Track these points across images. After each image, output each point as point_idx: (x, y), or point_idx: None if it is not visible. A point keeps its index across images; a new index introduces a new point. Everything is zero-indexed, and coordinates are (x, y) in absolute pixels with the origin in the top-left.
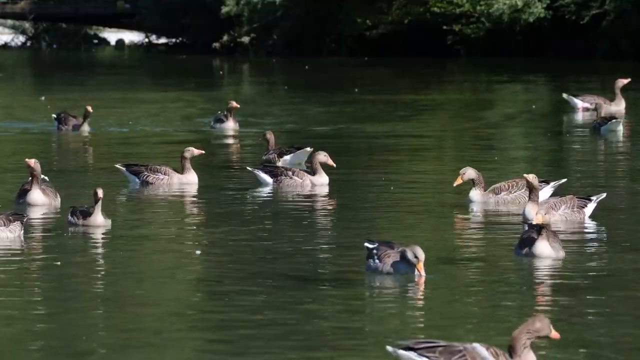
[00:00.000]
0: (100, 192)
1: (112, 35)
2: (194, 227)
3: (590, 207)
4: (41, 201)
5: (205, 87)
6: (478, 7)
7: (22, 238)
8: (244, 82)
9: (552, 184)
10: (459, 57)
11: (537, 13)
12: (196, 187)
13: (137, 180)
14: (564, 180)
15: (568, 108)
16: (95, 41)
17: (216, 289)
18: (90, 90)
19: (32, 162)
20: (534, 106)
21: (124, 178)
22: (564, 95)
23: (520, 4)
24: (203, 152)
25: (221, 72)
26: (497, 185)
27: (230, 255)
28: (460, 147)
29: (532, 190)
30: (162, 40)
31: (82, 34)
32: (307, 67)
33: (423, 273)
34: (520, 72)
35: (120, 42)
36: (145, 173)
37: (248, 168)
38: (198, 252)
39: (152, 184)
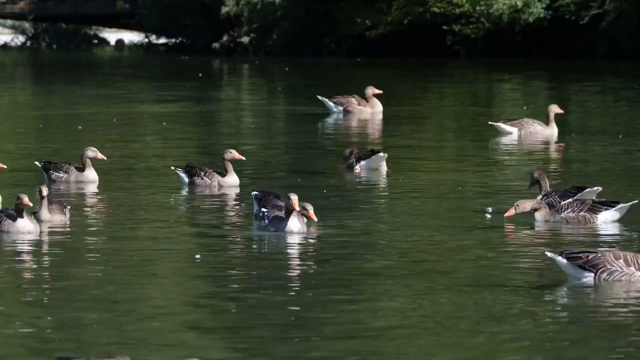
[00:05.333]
0: (44, 191)
1: (112, 35)
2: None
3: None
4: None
5: (206, 87)
6: (478, 8)
7: None
8: (245, 82)
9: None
10: (458, 57)
11: (537, 13)
12: (238, 189)
13: (186, 181)
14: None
15: (567, 108)
16: (95, 41)
17: (225, 290)
18: (91, 90)
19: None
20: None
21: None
22: None
23: (520, 4)
24: (243, 158)
25: (228, 72)
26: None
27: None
28: (460, 147)
29: None
30: (162, 40)
31: (82, 34)
32: (313, 67)
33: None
34: (521, 72)
35: (120, 42)
36: (196, 176)
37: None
38: (197, 256)
39: (198, 185)
